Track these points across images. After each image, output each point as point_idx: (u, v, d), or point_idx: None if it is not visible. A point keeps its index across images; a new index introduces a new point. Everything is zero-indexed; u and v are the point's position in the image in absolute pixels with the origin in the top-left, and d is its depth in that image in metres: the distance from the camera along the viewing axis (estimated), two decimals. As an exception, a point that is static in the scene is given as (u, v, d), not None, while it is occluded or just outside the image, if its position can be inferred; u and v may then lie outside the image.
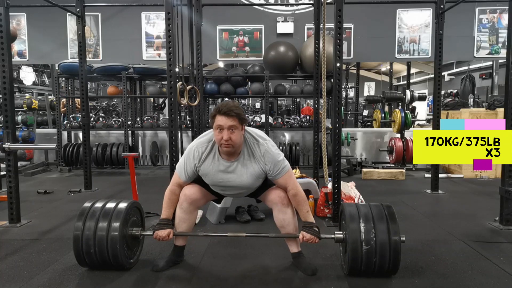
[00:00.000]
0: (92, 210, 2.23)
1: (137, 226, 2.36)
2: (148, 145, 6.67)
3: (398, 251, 2.04)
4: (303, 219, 2.21)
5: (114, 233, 2.13)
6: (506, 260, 2.44)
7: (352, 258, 2.06)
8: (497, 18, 6.02)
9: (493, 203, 3.65)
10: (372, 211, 2.15)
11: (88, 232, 2.14)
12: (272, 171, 2.14)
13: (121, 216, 2.18)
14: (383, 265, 2.05)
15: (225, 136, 2.00)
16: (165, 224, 2.22)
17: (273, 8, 6.19)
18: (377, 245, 2.02)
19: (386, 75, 13.95)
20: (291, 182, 2.18)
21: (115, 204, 2.27)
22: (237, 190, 2.27)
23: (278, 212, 2.26)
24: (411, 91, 6.19)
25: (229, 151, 2.09)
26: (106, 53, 6.27)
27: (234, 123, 2.01)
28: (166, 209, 2.26)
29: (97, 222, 2.16)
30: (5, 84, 3.15)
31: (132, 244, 2.31)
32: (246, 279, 2.20)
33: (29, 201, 4.05)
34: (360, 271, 2.09)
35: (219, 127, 2.02)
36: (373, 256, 2.03)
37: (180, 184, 2.26)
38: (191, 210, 2.30)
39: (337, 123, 3.27)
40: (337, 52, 3.20)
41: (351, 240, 2.06)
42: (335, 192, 3.21)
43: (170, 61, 3.15)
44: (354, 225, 2.08)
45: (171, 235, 2.23)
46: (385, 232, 2.05)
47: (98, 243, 2.13)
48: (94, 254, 2.14)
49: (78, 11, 4.35)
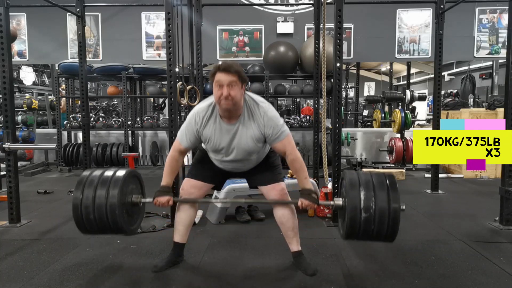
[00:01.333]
0: (90, 179, 2.16)
1: (136, 194, 2.31)
2: (148, 145, 6.67)
3: (397, 220, 1.97)
4: (301, 186, 2.18)
5: (113, 199, 2.08)
6: (506, 260, 2.44)
7: (350, 224, 2.00)
8: (497, 18, 6.01)
9: (493, 203, 3.64)
10: (373, 179, 2.08)
11: (87, 201, 2.08)
12: (271, 134, 2.12)
13: (119, 184, 2.12)
14: (381, 232, 1.99)
15: (225, 92, 1.97)
16: (165, 191, 2.21)
17: (273, 8, 6.19)
18: (376, 213, 1.96)
19: (386, 75, 13.95)
20: (290, 147, 2.15)
21: (113, 172, 2.21)
22: (238, 156, 2.20)
23: (277, 208, 2.26)
24: (411, 91, 6.20)
25: (229, 109, 2.05)
26: (106, 53, 6.27)
27: (233, 79, 1.99)
28: (166, 176, 2.25)
29: (95, 190, 2.10)
30: (5, 84, 3.15)
31: (132, 211, 2.26)
32: (246, 279, 2.20)
33: (29, 201, 4.05)
34: (357, 236, 2.04)
35: (218, 83, 2.00)
36: (371, 223, 1.97)
37: (181, 150, 2.24)
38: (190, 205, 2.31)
39: (337, 123, 3.28)
40: (337, 52, 3.20)
41: (350, 207, 1.99)
42: (335, 192, 3.21)
43: (170, 61, 3.15)
44: (354, 192, 2.02)
45: (170, 202, 2.21)
46: (385, 200, 1.98)
47: (97, 210, 2.07)
48: (93, 220, 2.09)
49: (78, 11, 4.35)
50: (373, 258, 2.50)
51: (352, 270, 2.31)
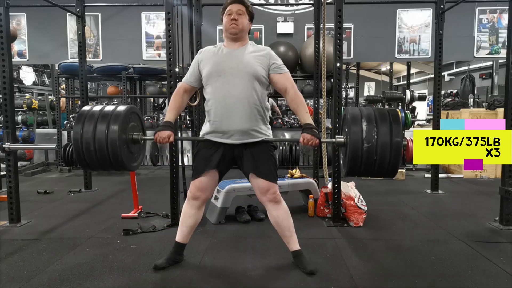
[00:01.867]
0: (91, 113, 2.14)
1: (137, 131, 2.30)
2: (148, 145, 6.66)
3: (399, 153, 1.96)
4: (303, 121, 2.18)
5: (113, 134, 2.06)
6: (506, 260, 2.45)
7: (352, 156, 1.97)
8: (497, 18, 6.01)
9: (493, 203, 3.65)
10: (375, 113, 2.06)
11: (87, 135, 2.06)
12: (275, 64, 2.20)
13: (120, 119, 2.10)
14: (382, 166, 1.97)
15: (234, 17, 2.14)
16: (167, 126, 2.21)
17: (273, 8, 6.19)
18: (378, 144, 1.95)
19: (386, 75, 13.96)
20: (290, 83, 2.22)
21: (114, 107, 2.19)
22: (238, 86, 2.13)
23: (271, 209, 2.26)
24: (411, 91, 6.20)
25: (236, 32, 2.16)
26: (106, 53, 6.26)
27: (242, 9, 2.18)
28: (170, 112, 2.27)
29: (95, 125, 2.09)
30: (5, 84, 3.15)
31: (133, 148, 2.24)
32: (246, 279, 2.20)
33: (29, 201, 4.05)
34: (359, 171, 2.02)
35: (229, 12, 2.17)
36: (373, 154, 1.95)
37: (185, 87, 2.30)
38: (198, 206, 2.29)
39: (337, 123, 3.27)
40: (337, 52, 3.20)
41: (352, 141, 1.96)
42: (335, 192, 3.21)
43: (170, 61, 3.15)
44: (356, 126, 1.99)
45: (171, 138, 2.19)
46: (387, 134, 1.96)
47: (98, 143, 2.06)
48: (94, 152, 2.07)
49: (78, 11, 4.35)
50: (373, 258, 2.50)
51: (352, 270, 2.31)
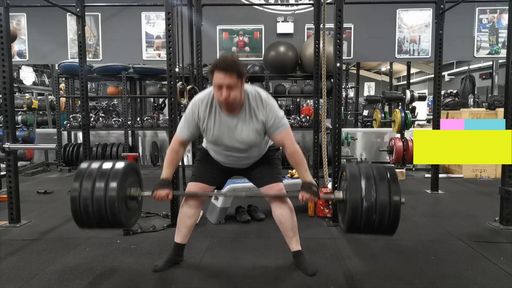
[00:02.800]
0: (89, 171, 2.14)
1: (135, 187, 2.29)
2: (148, 145, 6.67)
3: (398, 211, 1.97)
4: (302, 179, 2.17)
5: (112, 192, 2.05)
6: (506, 260, 2.45)
7: (352, 214, 1.98)
8: (497, 18, 6.01)
9: (493, 203, 3.64)
10: (373, 172, 2.07)
11: (86, 193, 2.05)
12: (272, 124, 2.11)
13: (118, 176, 2.10)
14: (382, 223, 1.98)
15: (224, 94, 1.96)
16: (164, 184, 2.18)
17: (273, 8, 6.19)
18: (377, 203, 1.96)
19: (386, 75, 13.95)
20: (289, 140, 2.15)
21: (112, 164, 2.18)
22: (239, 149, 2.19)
23: (275, 207, 2.26)
24: (411, 91, 6.19)
25: (229, 108, 2.08)
26: (106, 53, 6.26)
27: (232, 80, 1.95)
28: (166, 168, 2.22)
29: (94, 182, 2.07)
30: (5, 84, 3.15)
31: (131, 204, 2.24)
32: (246, 279, 2.20)
33: (29, 201, 4.05)
34: (359, 228, 2.03)
35: (217, 83, 1.96)
36: (373, 213, 1.96)
37: (181, 142, 2.21)
38: (196, 205, 2.30)
39: (337, 123, 3.27)
40: (337, 52, 3.20)
41: (351, 198, 1.98)
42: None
43: (170, 61, 3.14)
44: (355, 183, 2.00)
45: (170, 196, 2.18)
46: (386, 192, 1.98)
47: (96, 202, 2.05)
48: (92, 213, 2.06)
49: (78, 11, 4.35)
50: (373, 258, 2.50)
51: (352, 270, 2.31)
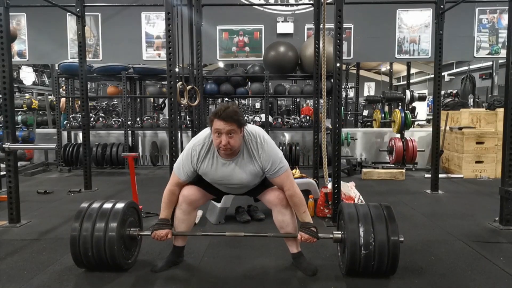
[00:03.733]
0: (89, 211, 2.21)
1: (134, 226, 2.35)
2: (148, 145, 6.67)
3: (396, 253, 2.03)
4: (301, 220, 2.21)
5: (112, 233, 2.12)
6: (506, 260, 2.44)
7: (350, 261, 2.06)
8: (497, 18, 6.01)
9: (493, 203, 3.64)
10: (371, 212, 2.14)
11: (86, 233, 2.12)
12: (270, 169, 2.12)
13: (118, 217, 2.17)
14: (381, 267, 2.05)
15: (224, 141, 1.99)
16: (163, 224, 2.22)
17: (273, 8, 6.19)
18: (375, 248, 2.01)
19: (386, 75, 13.96)
20: (288, 183, 2.16)
21: (112, 204, 2.25)
22: (237, 187, 2.27)
23: (277, 213, 2.26)
24: (411, 91, 6.19)
25: (228, 154, 2.10)
26: (106, 53, 6.27)
27: (232, 128, 1.98)
28: (165, 209, 2.26)
29: (94, 223, 2.15)
30: (5, 84, 3.15)
31: (130, 244, 2.30)
32: (246, 280, 2.20)
33: (29, 201, 4.05)
34: (358, 272, 2.10)
35: (217, 131, 2.00)
36: (371, 259, 2.03)
37: (179, 183, 2.25)
38: (190, 211, 2.30)
39: (337, 123, 3.27)
40: (337, 52, 3.20)
41: (349, 242, 2.05)
42: (335, 192, 3.21)
43: (170, 61, 3.15)
44: (352, 226, 2.07)
45: (169, 235, 2.22)
46: (384, 233, 2.03)
47: (95, 244, 2.11)
48: (91, 256, 2.14)
49: (78, 11, 4.35)
50: (373, 258, 2.50)
51: (352, 270, 2.31)
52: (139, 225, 2.43)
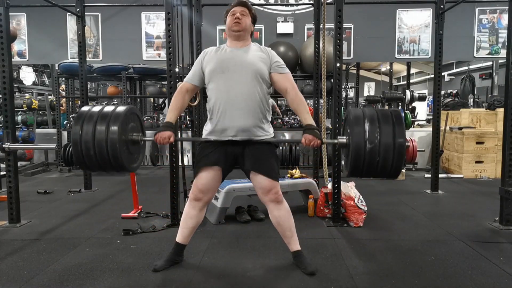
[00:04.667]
0: (90, 114, 2.12)
1: (136, 132, 2.29)
2: (148, 145, 6.65)
3: (402, 154, 1.94)
4: (304, 122, 2.16)
5: (113, 135, 2.05)
6: (506, 260, 2.45)
7: (355, 157, 1.95)
8: (497, 18, 6.01)
9: (493, 203, 3.65)
10: (378, 114, 2.03)
11: (87, 136, 2.05)
12: (277, 62, 2.23)
13: (119, 119, 2.09)
14: (385, 167, 1.95)
15: (237, 15, 2.17)
16: (167, 127, 2.21)
17: (273, 8, 6.19)
18: (381, 145, 1.93)
19: (386, 75, 13.95)
20: (291, 82, 2.23)
21: (113, 108, 2.18)
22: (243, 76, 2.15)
23: (272, 209, 2.25)
24: (411, 91, 6.20)
25: (240, 31, 2.19)
26: (106, 53, 6.27)
27: (245, 11, 2.22)
28: (171, 112, 2.27)
29: (95, 125, 2.07)
30: (5, 84, 3.15)
31: (133, 149, 2.23)
32: (246, 279, 2.20)
33: (29, 201, 4.05)
34: (362, 171, 2.00)
35: (232, 12, 2.20)
36: (376, 155, 1.93)
37: (187, 87, 2.29)
38: (200, 207, 2.29)
39: (337, 123, 3.27)
40: (337, 52, 3.20)
41: (354, 141, 1.95)
42: (335, 192, 3.21)
43: (170, 61, 3.15)
44: (358, 127, 1.97)
45: (172, 138, 2.19)
46: (390, 134, 1.94)
47: (97, 144, 2.04)
48: (94, 156, 2.06)
49: (78, 11, 4.35)
50: (373, 258, 2.50)
51: (352, 270, 2.31)
52: (142, 131, 2.36)
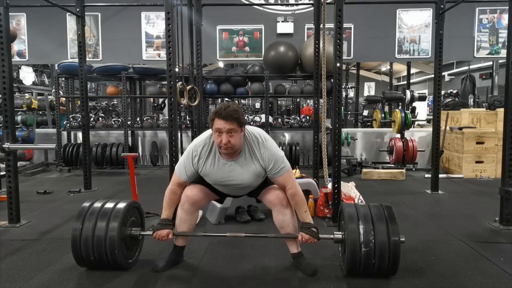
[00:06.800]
0: (91, 210, 2.21)
1: (136, 226, 2.35)
2: (148, 145, 6.66)
3: (397, 253, 2.02)
4: (301, 220, 2.21)
5: (112, 233, 2.11)
6: (506, 260, 2.44)
7: (351, 259, 2.05)
8: (497, 18, 6.01)
9: (493, 203, 3.64)
10: (371, 212, 2.13)
11: (87, 233, 2.12)
12: (272, 168, 2.13)
13: (119, 216, 2.17)
14: (382, 266, 2.04)
15: (224, 139, 1.99)
16: (165, 224, 2.23)
17: (273, 8, 6.19)
18: (376, 247, 2.00)
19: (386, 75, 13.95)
20: (290, 182, 2.17)
21: (114, 204, 2.25)
22: (239, 189, 2.27)
23: (277, 213, 2.26)
24: (411, 91, 6.19)
25: (229, 153, 2.10)
26: (106, 53, 6.27)
27: (233, 127, 1.99)
28: (166, 209, 2.26)
29: (95, 223, 2.15)
30: (5, 84, 3.14)
31: (131, 244, 2.30)
32: (246, 279, 2.20)
33: (28, 201, 4.05)
34: (358, 272, 2.09)
35: (218, 130, 2.01)
36: (371, 258, 2.02)
37: (180, 183, 2.25)
38: (192, 211, 2.30)
39: (337, 123, 3.27)
40: (337, 52, 3.20)
41: (350, 241, 2.04)
42: (335, 192, 3.21)
43: (170, 61, 3.14)
44: (353, 226, 2.06)
45: (170, 235, 2.23)
46: (384, 233, 2.02)
47: (96, 243, 2.11)
48: (92, 255, 2.14)
49: (78, 11, 4.35)
50: (373, 258, 2.49)
51: (352, 270, 2.30)
52: (141, 225, 2.43)
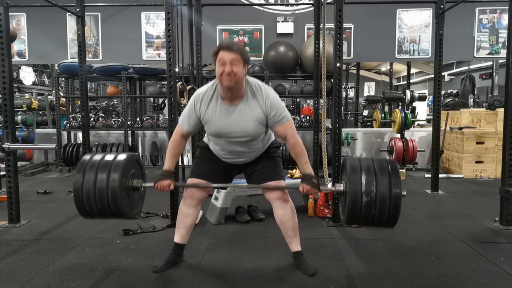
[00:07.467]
0: (91, 162, 2.15)
1: (137, 178, 2.30)
2: (148, 145, 6.67)
3: (398, 206, 1.96)
4: (302, 171, 2.18)
5: (114, 183, 2.07)
6: (506, 260, 2.44)
7: (351, 208, 1.98)
8: (497, 18, 6.01)
9: (493, 203, 3.65)
10: (374, 165, 2.05)
11: (88, 184, 2.07)
12: (274, 115, 2.10)
13: (120, 167, 2.11)
14: (382, 217, 1.98)
15: (227, 68, 1.95)
16: (166, 175, 2.20)
17: (273, 8, 6.19)
18: (377, 198, 1.95)
19: (386, 75, 13.95)
20: (291, 132, 2.16)
21: (114, 156, 2.20)
22: (240, 143, 2.18)
23: (277, 207, 2.25)
24: (411, 91, 6.20)
25: (231, 86, 2.01)
26: (106, 53, 6.27)
27: (237, 57, 1.97)
28: (169, 160, 2.24)
29: (96, 174, 2.09)
30: (5, 84, 3.14)
31: (133, 195, 2.25)
32: (246, 279, 2.20)
33: (28, 201, 4.05)
34: (358, 221, 2.03)
35: (221, 60, 1.97)
36: (372, 208, 1.95)
37: (183, 134, 2.22)
38: (195, 204, 2.30)
39: (337, 123, 3.27)
40: (337, 52, 3.20)
41: (351, 192, 1.97)
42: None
43: (170, 61, 3.14)
44: (355, 177, 1.99)
45: (172, 186, 2.19)
46: (386, 186, 1.96)
47: (98, 193, 2.06)
48: (94, 204, 2.08)
49: (78, 11, 4.34)
50: (373, 258, 2.50)
51: (352, 270, 2.31)
52: (142, 177, 2.36)
